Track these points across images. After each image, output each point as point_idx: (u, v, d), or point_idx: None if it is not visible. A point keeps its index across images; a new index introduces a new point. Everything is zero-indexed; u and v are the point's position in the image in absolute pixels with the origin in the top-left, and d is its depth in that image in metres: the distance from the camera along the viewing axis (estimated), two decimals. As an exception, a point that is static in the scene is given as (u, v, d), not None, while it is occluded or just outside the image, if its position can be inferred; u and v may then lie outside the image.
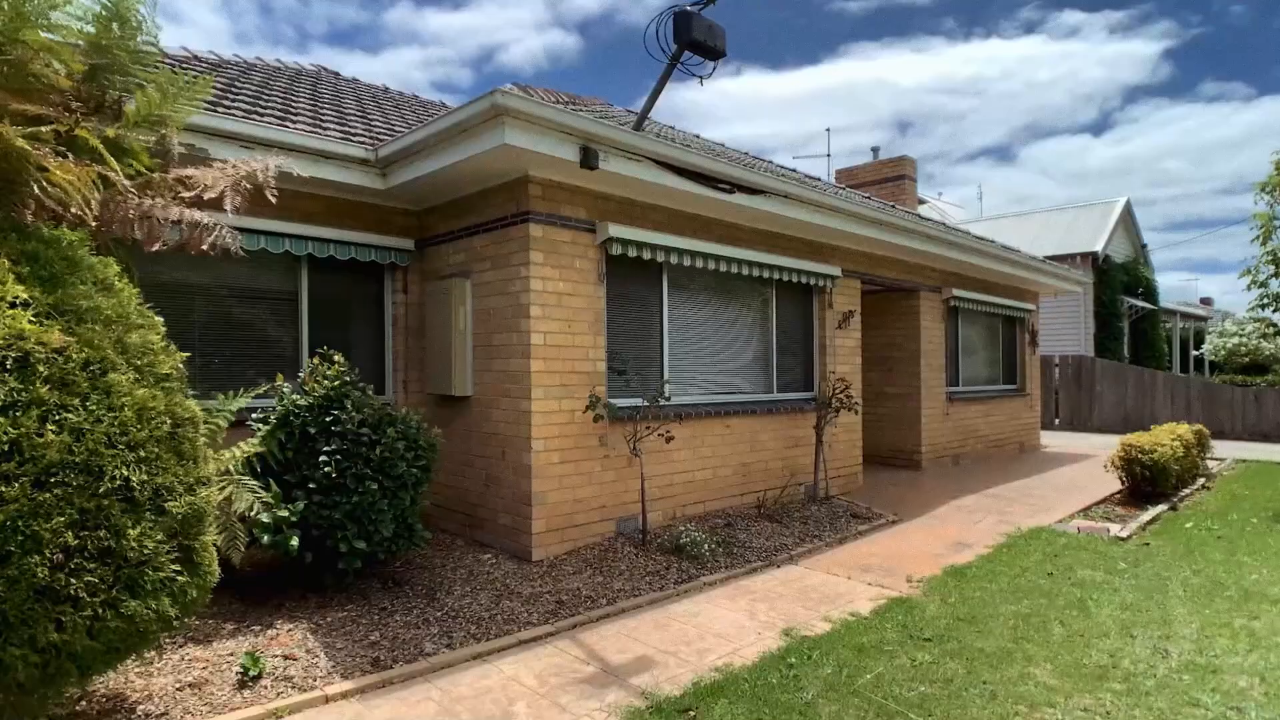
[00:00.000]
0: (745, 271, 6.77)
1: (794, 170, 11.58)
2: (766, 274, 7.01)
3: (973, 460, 10.58)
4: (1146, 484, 7.87)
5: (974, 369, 11.17)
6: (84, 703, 3.08)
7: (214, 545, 2.99)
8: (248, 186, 4.03)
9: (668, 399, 6.03)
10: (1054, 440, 13.91)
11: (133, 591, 2.53)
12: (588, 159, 4.77)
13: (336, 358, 4.55)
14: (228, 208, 3.96)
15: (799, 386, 7.72)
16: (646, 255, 5.83)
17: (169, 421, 2.78)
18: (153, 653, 3.52)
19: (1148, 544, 6.05)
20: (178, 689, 3.22)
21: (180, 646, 3.63)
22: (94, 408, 2.53)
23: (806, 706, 3.20)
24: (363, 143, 5.51)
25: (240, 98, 5.90)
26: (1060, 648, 3.85)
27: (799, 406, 7.41)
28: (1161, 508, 7.45)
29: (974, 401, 10.73)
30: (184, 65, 6.45)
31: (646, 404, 5.54)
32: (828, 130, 29.55)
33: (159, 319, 3.08)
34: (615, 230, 5.52)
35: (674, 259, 6.08)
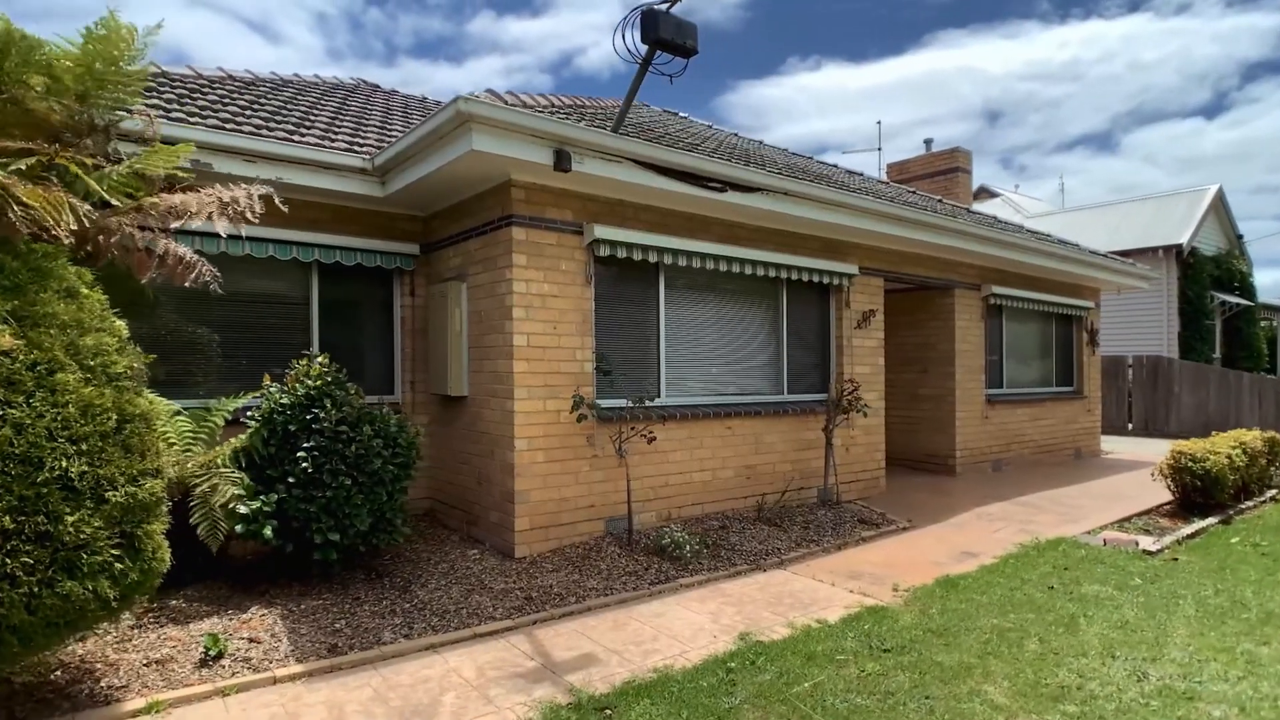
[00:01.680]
0: (749, 271, 6.69)
1: (836, 166, 11.31)
2: (773, 273, 6.89)
3: (1017, 466, 10.06)
4: (1197, 494, 7.30)
5: (1021, 370, 10.61)
6: (58, 672, 3.37)
7: (162, 534, 3.21)
8: (235, 210, 4.30)
9: (653, 400, 6.02)
10: (1121, 446, 13.04)
11: (70, 573, 2.76)
12: (560, 161, 4.83)
13: (320, 359, 4.79)
14: (220, 232, 4.26)
15: (813, 388, 7.55)
16: (637, 256, 5.85)
17: (115, 417, 3.02)
18: (133, 629, 3.82)
19: (1176, 559, 5.62)
20: (144, 664, 3.48)
21: (161, 626, 3.91)
22: (38, 404, 2.78)
23: (728, 711, 3.16)
24: (362, 153, 5.76)
25: (260, 113, 6.26)
26: (1027, 665, 3.65)
27: (810, 408, 7.25)
28: (1211, 520, 6.90)
29: (1020, 404, 10.20)
30: (214, 84, 6.92)
31: (632, 405, 5.56)
32: (878, 123, 28.41)
33: (120, 323, 3.33)
34: (601, 231, 5.57)
35: (668, 259, 6.08)
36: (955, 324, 9.15)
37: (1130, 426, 15.34)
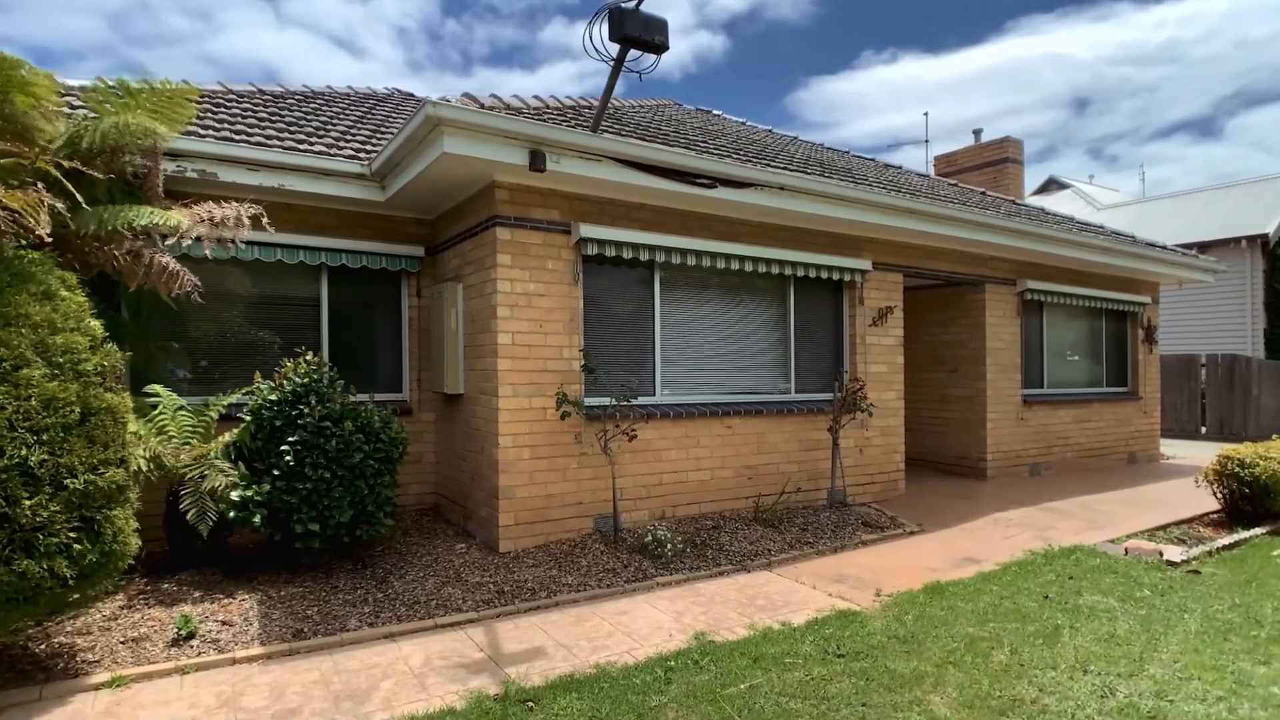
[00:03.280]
0: (750, 268, 6.59)
1: (874, 159, 10.97)
2: (777, 269, 6.77)
3: (1059, 470, 9.53)
4: (1245, 502, 6.77)
5: (1065, 369, 10.06)
6: (43, 646, 3.65)
7: (130, 519, 3.44)
8: (226, 229, 4.57)
9: (648, 398, 6.01)
10: (1189, 451, 12.15)
11: (28, 552, 3.00)
12: (535, 161, 4.90)
13: (308, 356, 5.01)
14: (207, 252, 4.56)
15: (825, 387, 7.37)
16: (628, 254, 5.86)
17: (79, 410, 3.25)
18: (122, 609, 4.09)
19: (1197, 571, 5.23)
20: (121, 642, 3.73)
21: (149, 607, 4.18)
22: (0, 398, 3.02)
23: (651, 709, 3.14)
24: (365, 160, 5.97)
25: (278, 123, 6.58)
26: (986, 677, 3.48)
27: (820, 408, 7.08)
28: (1257, 531, 6.38)
29: (1062, 405, 9.66)
30: (242, 98, 7.32)
31: (615, 403, 5.58)
32: (925, 114, 27.32)
33: (96, 324, 3.58)
34: (588, 230, 5.61)
35: (661, 257, 6.06)
36: (986, 321, 8.76)
37: (1203, 430, 14.29)
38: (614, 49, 4.74)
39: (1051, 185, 27.01)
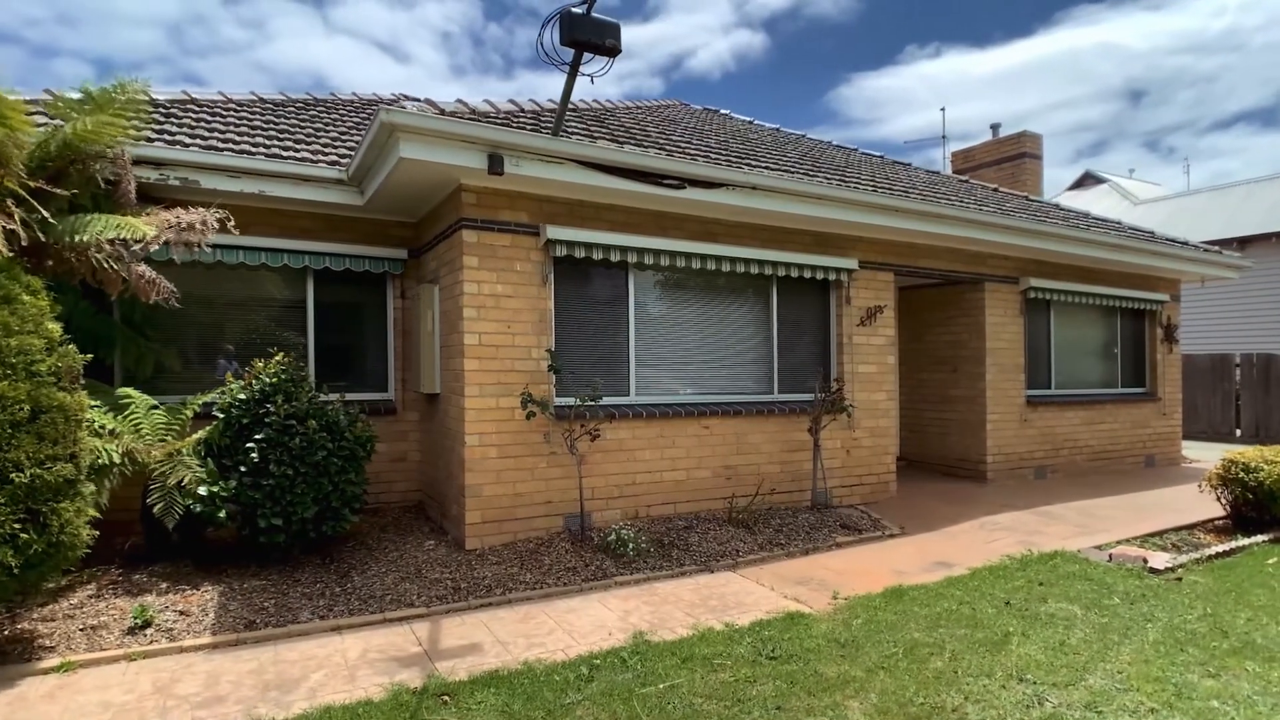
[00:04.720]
0: (728, 268, 6.57)
1: (883, 156, 10.78)
2: (756, 269, 6.73)
3: (1067, 473, 9.25)
4: (1249, 509, 6.50)
5: (1075, 369, 9.75)
6: (5, 632, 3.85)
7: (82, 512, 3.60)
8: (192, 234, 4.75)
9: (600, 399, 5.96)
10: (1216, 455, 11.61)
11: (-28, 543, 3.17)
12: (494, 165, 4.97)
13: (278, 356, 5.16)
14: (175, 257, 4.74)
15: (809, 387, 7.28)
16: (598, 255, 5.89)
17: (29, 408, 3.42)
18: (90, 598, 4.28)
19: (1179, 579, 5.04)
20: (80, 630, 3.90)
21: (115, 597, 4.36)
22: (-51, 396, 3.20)
23: (563, 706, 3.17)
24: (341, 165, 6.12)
25: (268, 131, 6.78)
26: (915, 683, 3.42)
27: (803, 408, 7.01)
28: (1259, 538, 6.13)
29: (1070, 406, 9.37)
30: (241, 106, 7.57)
31: (579, 403, 5.61)
32: (942, 110, 26.68)
33: (54, 326, 3.75)
34: (555, 232, 5.66)
35: (634, 258, 6.08)
36: (986, 320, 8.55)
37: (1238, 433, 13.69)
38: (569, 53, 4.79)
39: (1088, 180, 26.15)
